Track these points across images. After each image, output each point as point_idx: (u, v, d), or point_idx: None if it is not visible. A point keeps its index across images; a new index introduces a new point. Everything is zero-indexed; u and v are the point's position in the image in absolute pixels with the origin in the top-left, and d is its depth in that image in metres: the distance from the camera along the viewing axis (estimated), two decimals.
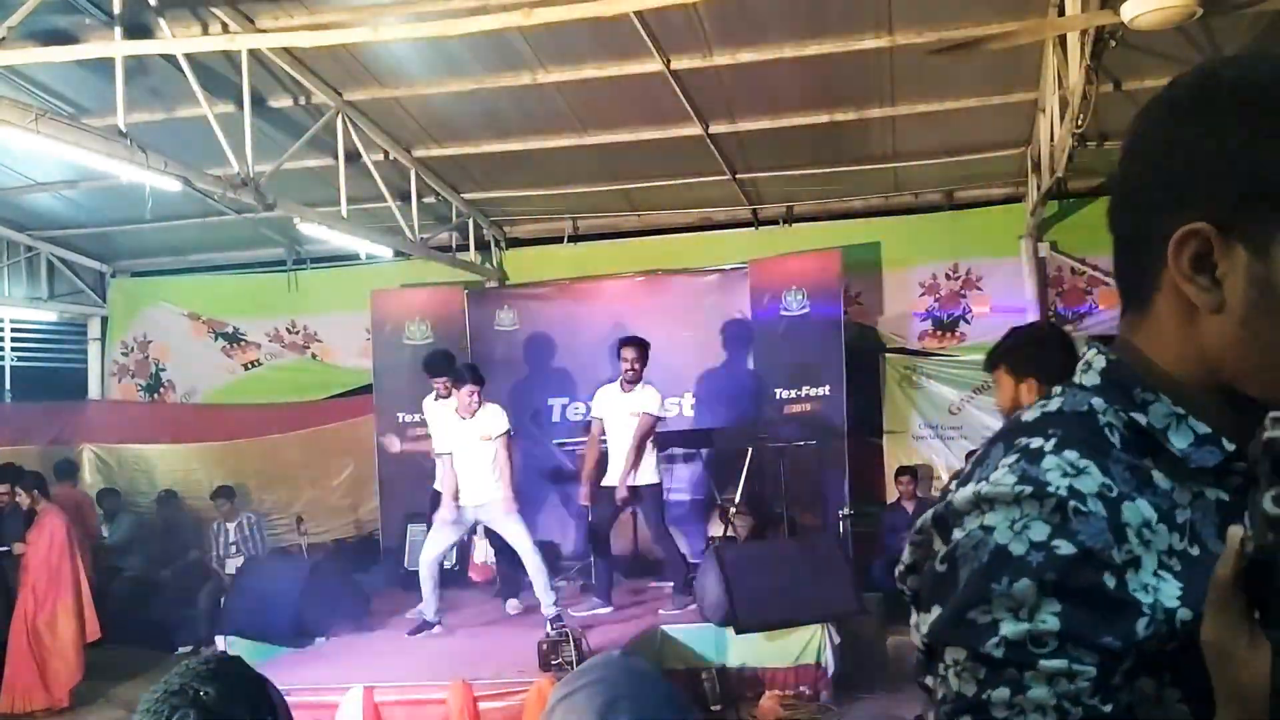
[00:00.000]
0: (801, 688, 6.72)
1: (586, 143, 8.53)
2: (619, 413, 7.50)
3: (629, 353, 7.51)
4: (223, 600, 8.01)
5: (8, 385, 10.79)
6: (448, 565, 7.86)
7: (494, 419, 7.03)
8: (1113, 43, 5.08)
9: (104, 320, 11.42)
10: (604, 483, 7.58)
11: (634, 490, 7.47)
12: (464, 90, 7.61)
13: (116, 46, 5.82)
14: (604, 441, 7.55)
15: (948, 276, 9.68)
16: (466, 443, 7.00)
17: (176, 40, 5.96)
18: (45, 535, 7.74)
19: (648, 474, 7.48)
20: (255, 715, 1.53)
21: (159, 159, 6.23)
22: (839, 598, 6.90)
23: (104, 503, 9.89)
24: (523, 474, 8.94)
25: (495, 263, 10.67)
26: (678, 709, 1.58)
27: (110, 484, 10.26)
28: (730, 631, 6.77)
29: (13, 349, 10.88)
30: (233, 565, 9.12)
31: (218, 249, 11.04)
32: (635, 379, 7.48)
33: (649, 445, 7.47)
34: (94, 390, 11.31)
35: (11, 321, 10.84)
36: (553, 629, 6.27)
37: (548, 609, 6.82)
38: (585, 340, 9.58)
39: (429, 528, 7.64)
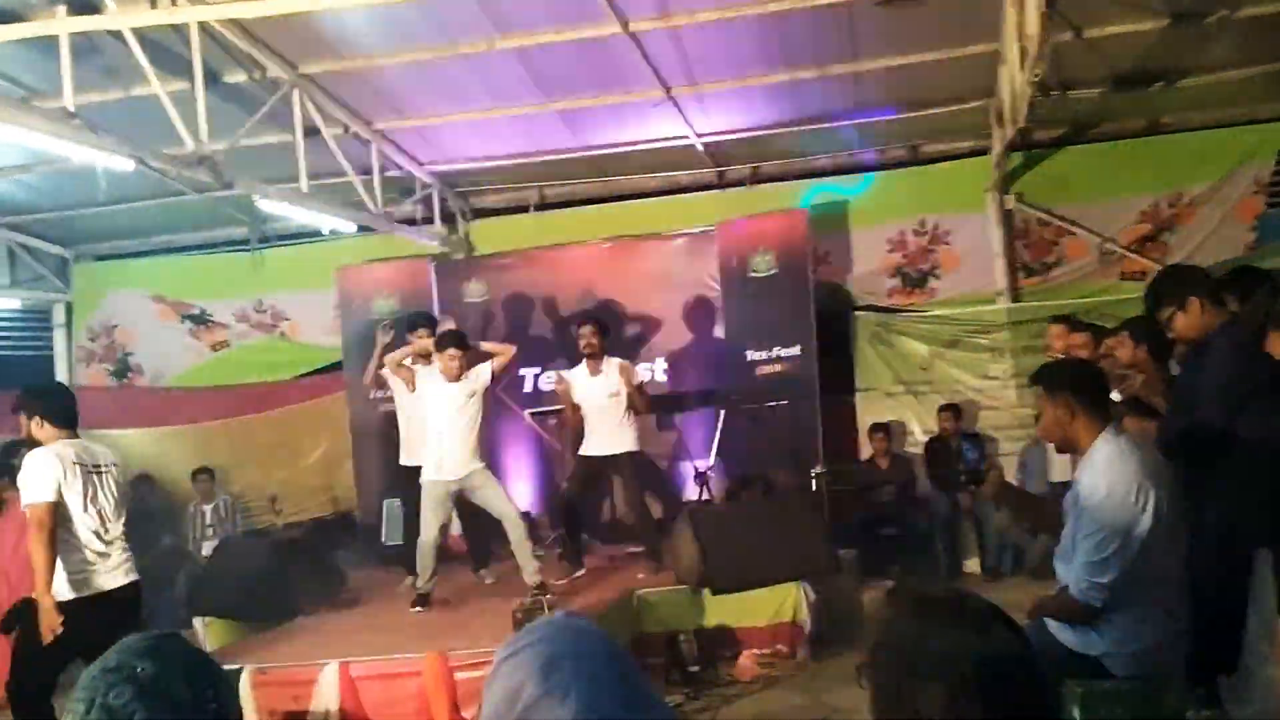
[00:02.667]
0: (779, 646, 6.76)
1: (548, 109, 8.45)
2: (595, 396, 7.48)
3: (585, 329, 7.49)
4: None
5: None
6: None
7: (479, 378, 6.91)
8: None
9: (68, 306, 11.30)
10: (581, 451, 7.59)
11: (614, 458, 7.48)
12: (422, 59, 7.52)
13: (60, 24, 5.70)
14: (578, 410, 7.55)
15: (915, 232, 9.68)
16: (451, 409, 6.84)
17: (122, 14, 5.84)
18: (15, 523, 7.67)
19: (628, 441, 7.48)
20: (194, 691, 1.51)
21: (111, 139, 6.13)
22: (814, 556, 6.94)
23: None
24: (497, 444, 8.97)
25: (462, 234, 10.59)
26: (620, 665, 1.58)
27: None
28: (706, 593, 6.80)
29: None
30: (209, 548, 9.07)
31: (181, 230, 10.92)
32: (595, 354, 7.46)
33: (627, 413, 7.46)
34: (61, 377, 11.17)
35: None
36: (529, 597, 6.28)
37: (530, 577, 6.78)
38: (556, 308, 9.56)
39: (403, 502, 7.60)
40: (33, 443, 5.10)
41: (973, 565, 9.07)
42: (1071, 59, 7.74)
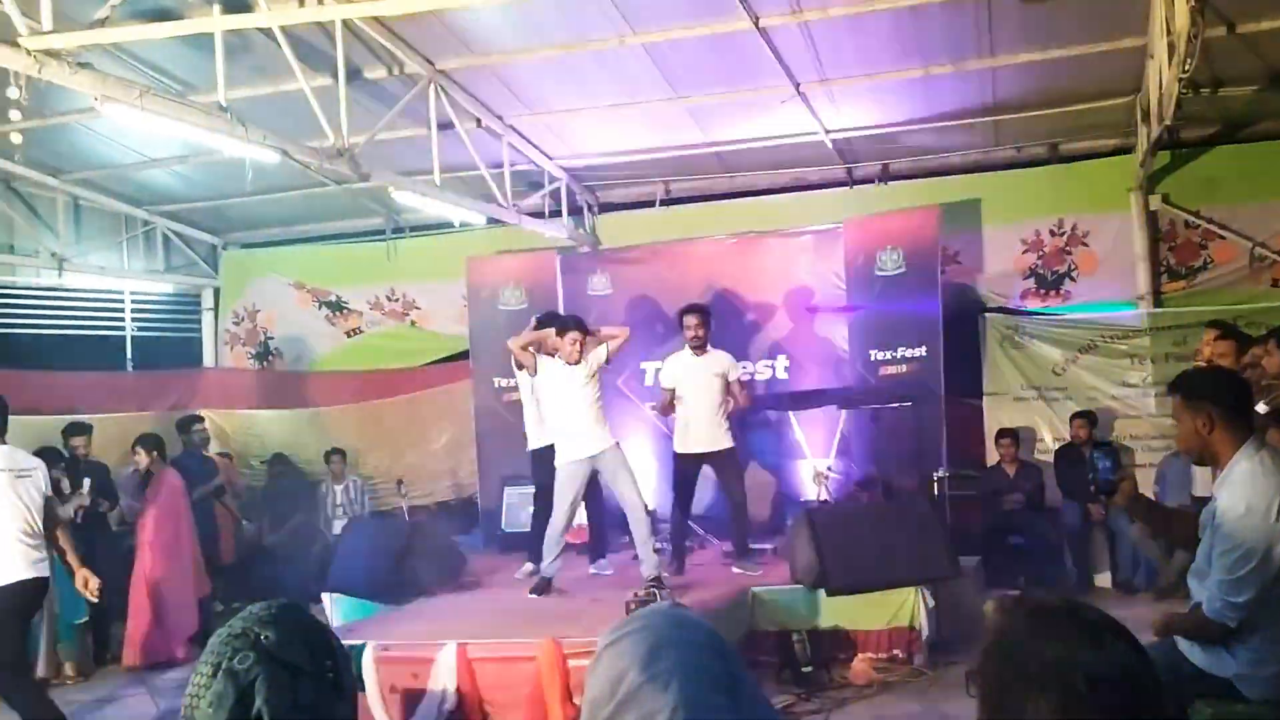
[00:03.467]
0: (895, 651, 6.64)
1: (677, 105, 8.48)
2: (695, 377, 7.50)
3: (691, 319, 7.53)
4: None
5: (129, 355, 11.26)
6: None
7: (595, 359, 6.96)
8: None
9: (216, 291, 11.84)
10: (679, 449, 7.60)
11: (712, 455, 7.47)
12: (553, 55, 7.64)
13: (215, 21, 5.97)
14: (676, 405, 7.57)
15: (1052, 233, 9.39)
16: (574, 390, 6.92)
17: (271, 13, 6.09)
18: (164, 494, 8.10)
19: (724, 439, 7.47)
20: (314, 660, 1.56)
21: (258, 132, 6.41)
22: (933, 561, 6.79)
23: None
24: (617, 436, 9.04)
25: (588, 228, 10.71)
26: (724, 658, 1.58)
27: (226, 448, 10.66)
28: (822, 593, 6.74)
29: (133, 320, 11.34)
30: (339, 527, 9.41)
31: (321, 219, 11.33)
32: (700, 344, 7.48)
33: (723, 410, 7.45)
34: (208, 358, 11.76)
35: (132, 294, 11.30)
36: (644, 588, 6.32)
37: (648, 570, 6.78)
38: (677, 303, 9.54)
39: (537, 489, 7.67)
40: None
41: (1104, 579, 8.76)
42: (1224, 55, 7.39)
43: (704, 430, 7.48)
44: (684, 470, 7.63)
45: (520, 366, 7.64)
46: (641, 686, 1.46)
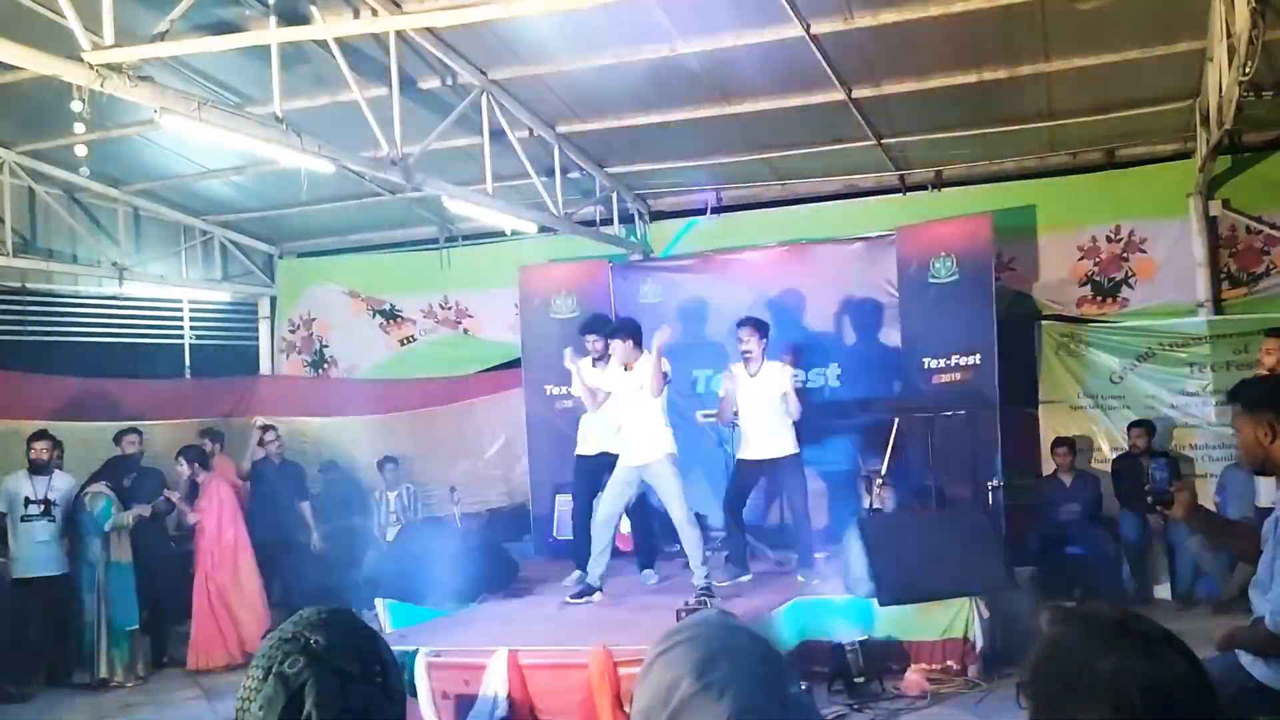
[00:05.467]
0: (949, 662, 6.58)
1: (727, 112, 8.46)
2: (748, 391, 7.52)
3: (741, 333, 7.56)
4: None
5: (188, 362, 11.48)
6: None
7: (647, 365, 6.93)
8: None
9: (273, 299, 12.01)
10: (740, 455, 7.60)
11: (773, 462, 7.45)
12: (605, 64, 7.66)
13: (270, 34, 6.08)
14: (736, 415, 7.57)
15: (1109, 239, 9.25)
16: (627, 395, 6.97)
17: (326, 25, 6.19)
18: (215, 502, 8.25)
19: (787, 445, 7.44)
20: (364, 665, 1.58)
21: (314, 142, 6.51)
22: (988, 571, 6.71)
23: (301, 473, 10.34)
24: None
25: (639, 236, 10.73)
26: (776, 666, 1.57)
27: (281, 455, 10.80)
28: (875, 603, 6.68)
29: (192, 328, 11.56)
30: (393, 533, 9.50)
31: (375, 229, 11.46)
32: (753, 357, 7.49)
33: (785, 418, 7.42)
34: (264, 366, 11.94)
35: (190, 302, 11.51)
36: (695, 598, 6.31)
37: (698, 579, 6.80)
38: (730, 311, 9.54)
39: (574, 495, 7.75)
40: None
41: (1163, 591, 8.60)
42: None
43: (764, 438, 7.47)
44: (741, 476, 7.62)
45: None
46: (695, 695, 1.46)
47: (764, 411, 7.46)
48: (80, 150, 8.30)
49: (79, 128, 6.82)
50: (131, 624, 7.92)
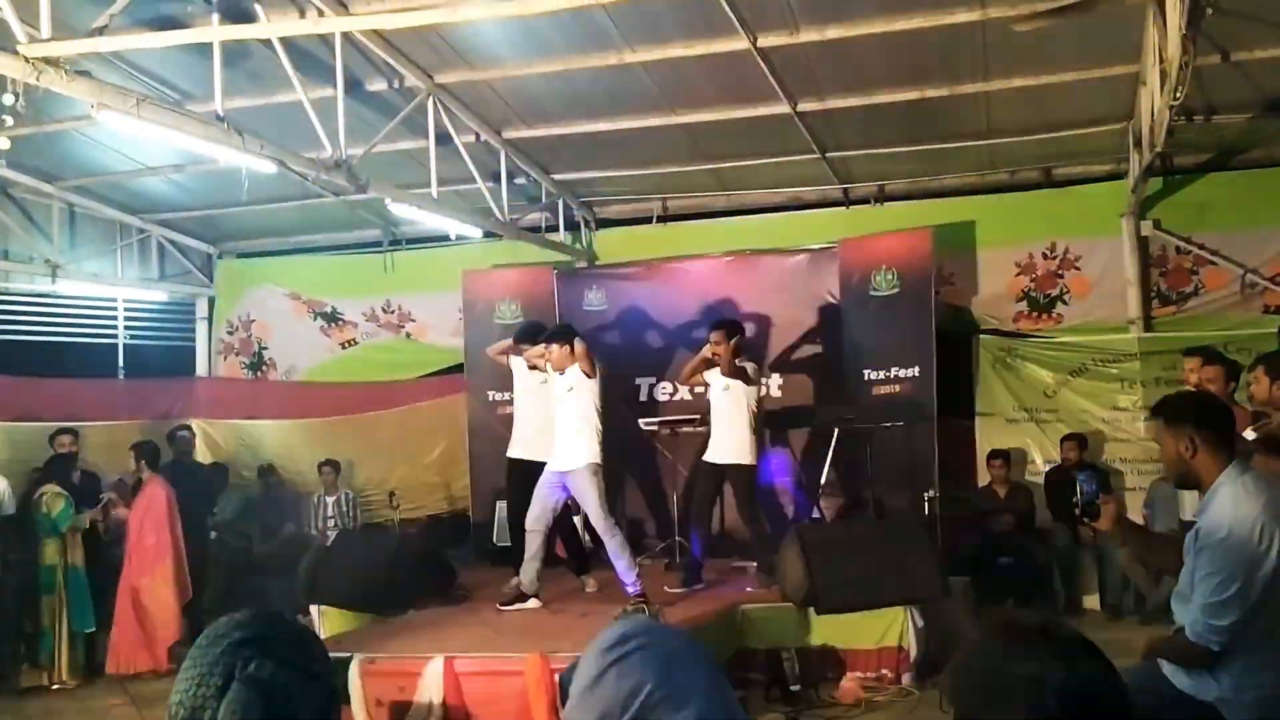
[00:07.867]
0: (883, 670, 6.65)
1: (674, 122, 8.51)
2: (716, 391, 7.58)
3: (712, 335, 7.58)
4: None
5: (121, 362, 11.26)
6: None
7: (577, 370, 6.90)
8: (1210, 10, 4.87)
9: (211, 300, 11.83)
10: (704, 458, 7.63)
11: (731, 468, 7.48)
12: (552, 71, 7.66)
13: (213, 31, 6.00)
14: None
15: (1045, 256, 9.44)
16: (559, 397, 6.94)
17: (271, 24, 6.12)
18: (148, 503, 8.10)
19: (744, 453, 7.47)
20: (323, 665, 1.58)
21: (255, 142, 6.43)
22: (923, 581, 6.80)
23: (212, 477, 10.22)
24: (612, 453, 9.05)
25: (585, 243, 10.74)
26: (715, 668, 1.60)
27: (217, 458, 10.64)
28: (812, 612, 6.74)
29: (126, 328, 11.34)
30: (330, 538, 9.37)
31: (318, 230, 11.34)
32: (721, 360, 7.48)
33: (748, 425, 7.46)
34: (201, 367, 11.75)
35: (125, 301, 11.30)
36: (631, 606, 6.32)
37: (629, 585, 6.81)
38: (672, 319, 9.60)
39: (509, 499, 7.73)
40: None
41: (1092, 602, 8.77)
42: (1218, 82, 7.45)
43: (723, 442, 7.51)
44: (703, 479, 7.63)
45: (533, 368, 7.63)
46: (663, 700, 1.47)
47: (722, 416, 7.50)
48: (4, 143, 8.09)
49: (10, 121, 6.67)
50: (89, 626, 7.79)
